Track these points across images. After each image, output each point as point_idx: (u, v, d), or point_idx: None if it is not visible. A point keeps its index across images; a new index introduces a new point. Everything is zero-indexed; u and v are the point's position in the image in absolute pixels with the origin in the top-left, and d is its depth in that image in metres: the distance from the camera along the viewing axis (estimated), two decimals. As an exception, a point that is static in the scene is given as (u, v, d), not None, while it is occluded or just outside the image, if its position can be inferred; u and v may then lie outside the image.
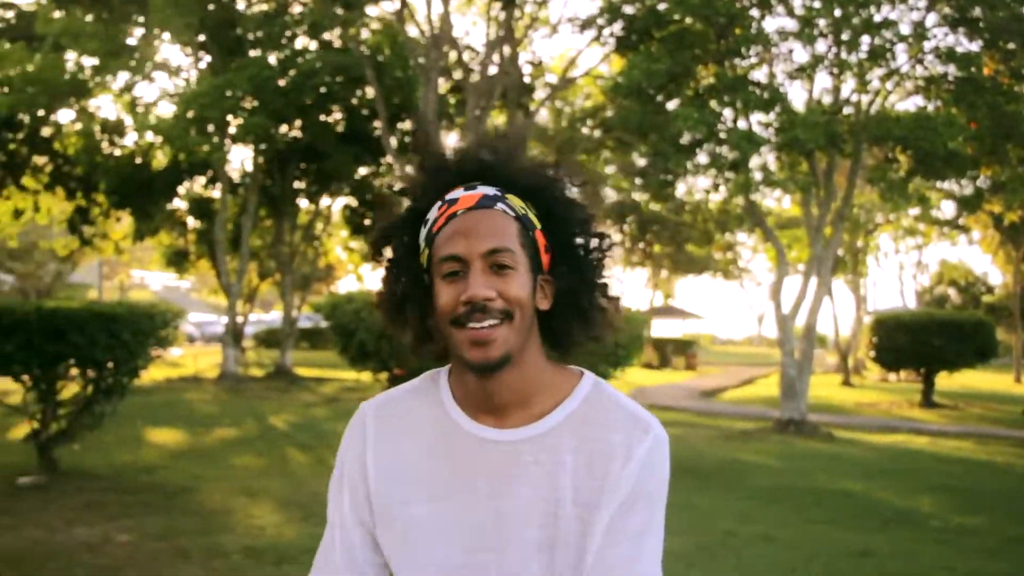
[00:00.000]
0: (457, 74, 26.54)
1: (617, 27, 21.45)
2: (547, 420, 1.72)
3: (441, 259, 1.67)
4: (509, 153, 1.78)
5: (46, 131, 29.36)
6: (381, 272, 1.83)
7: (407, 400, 1.82)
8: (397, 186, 1.86)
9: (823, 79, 20.98)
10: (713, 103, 19.85)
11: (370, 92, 25.90)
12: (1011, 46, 19.49)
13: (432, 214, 1.73)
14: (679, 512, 10.41)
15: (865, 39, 19.76)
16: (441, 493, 1.72)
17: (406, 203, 1.82)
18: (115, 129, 29.23)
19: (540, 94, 29.49)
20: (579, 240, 1.77)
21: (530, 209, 1.76)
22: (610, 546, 1.67)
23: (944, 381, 29.57)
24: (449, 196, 1.73)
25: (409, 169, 1.86)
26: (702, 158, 20.49)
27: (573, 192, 1.80)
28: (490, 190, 1.72)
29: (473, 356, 1.64)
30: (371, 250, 1.86)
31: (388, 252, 1.82)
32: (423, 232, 1.74)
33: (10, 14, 28.66)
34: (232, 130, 26.42)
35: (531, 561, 1.68)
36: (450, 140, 27.30)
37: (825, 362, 49.23)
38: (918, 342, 26.42)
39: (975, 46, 19.85)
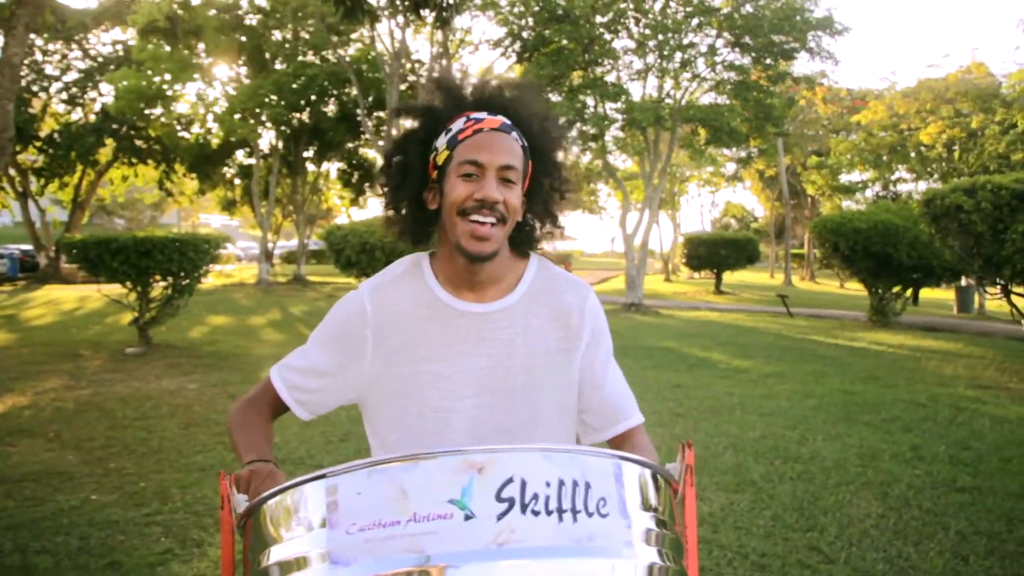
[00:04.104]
0: (412, 77, 25.90)
1: (516, 46, 21.11)
2: (514, 294, 1.53)
3: (463, 161, 1.43)
4: (523, 100, 1.54)
5: (141, 123, 28.49)
6: (393, 166, 1.55)
7: (398, 283, 1.55)
8: (421, 101, 1.57)
9: (652, 80, 20.82)
10: (580, 96, 19.75)
11: (353, 91, 25.42)
12: (768, 61, 19.66)
13: (457, 125, 1.47)
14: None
15: (678, 55, 19.80)
16: (438, 355, 1.48)
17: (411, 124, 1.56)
18: (187, 121, 28.40)
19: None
20: (551, 180, 1.57)
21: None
22: (601, 370, 1.59)
23: (728, 277, 30.18)
24: (475, 115, 1.48)
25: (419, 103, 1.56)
26: (574, 133, 20.36)
27: (559, 143, 1.59)
28: (507, 120, 1.49)
29: (472, 247, 1.43)
30: (393, 148, 1.55)
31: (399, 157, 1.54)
32: (444, 138, 1.47)
33: (119, 47, 29.31)
34: (263, 118, 25.88)
35: (517, 399, 1.49)
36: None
37: (654, 267, 49.93)
38: (712, 252, 26.96)
39: (747, 60, 19.98)
